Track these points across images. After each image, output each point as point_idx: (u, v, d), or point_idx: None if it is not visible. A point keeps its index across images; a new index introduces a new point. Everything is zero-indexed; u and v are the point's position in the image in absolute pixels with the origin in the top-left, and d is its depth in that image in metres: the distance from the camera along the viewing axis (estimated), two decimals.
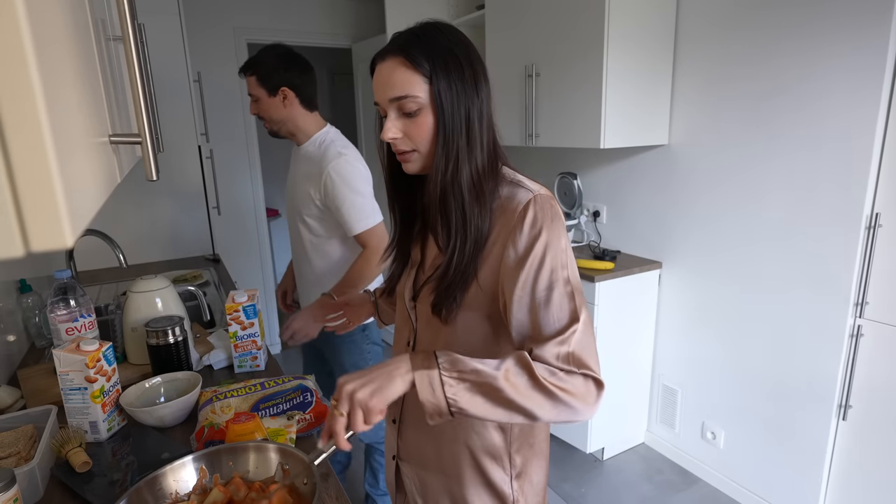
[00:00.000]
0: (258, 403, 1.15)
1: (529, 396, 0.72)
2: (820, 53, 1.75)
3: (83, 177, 0.38)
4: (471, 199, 0.80)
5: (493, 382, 0.71)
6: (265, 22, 3.43)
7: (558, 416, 0.74)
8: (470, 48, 0.81)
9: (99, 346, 1.12)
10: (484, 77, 0.82)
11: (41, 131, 0.29)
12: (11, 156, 0.28)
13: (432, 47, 0.77)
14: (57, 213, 0.30)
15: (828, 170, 1.78)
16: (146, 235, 2.74)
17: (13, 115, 0.28)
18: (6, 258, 0.29)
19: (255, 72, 1.61)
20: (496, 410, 0.72)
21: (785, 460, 2.03)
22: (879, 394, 1.76)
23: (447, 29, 0.81)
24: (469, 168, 0.79)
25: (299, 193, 1.69)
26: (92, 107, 0.47)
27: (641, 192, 2.45)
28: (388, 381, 0.73)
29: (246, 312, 1.40)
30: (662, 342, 2.47)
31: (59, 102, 0.33)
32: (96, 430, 1.11)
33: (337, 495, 0.95)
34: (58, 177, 0.30)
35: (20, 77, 0.28)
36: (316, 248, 1.73)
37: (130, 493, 0.78)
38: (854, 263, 1.75)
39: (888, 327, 1.71)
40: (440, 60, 0.76)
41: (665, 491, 2.30)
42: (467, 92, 0.78)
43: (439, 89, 0.76)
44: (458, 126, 0.78)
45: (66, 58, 0.39)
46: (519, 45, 2.50)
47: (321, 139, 1.69)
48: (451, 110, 0.77)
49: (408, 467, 1.01)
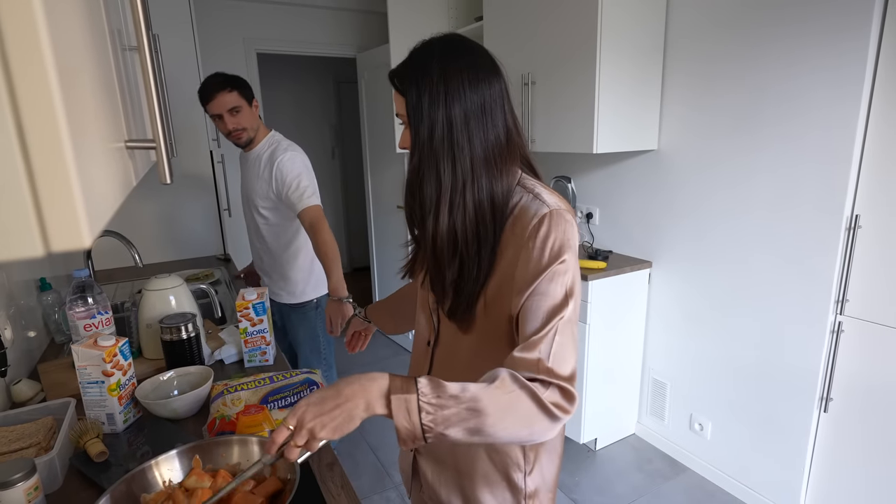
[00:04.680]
0: (267, 396, 1.15)
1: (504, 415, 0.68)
2: (803, 63, 1.75)
3: (100, 180, 0.38)
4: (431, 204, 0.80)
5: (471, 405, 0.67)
6: (274, 33, 3.43)
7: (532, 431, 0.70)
8: (456, 62, 0.77)
9: (115, 342, 1.12)
10: (470, 87, 0.76)
11: (60, 137, 0.29)
12: (32, 160, 0.28)
13: (412, 69, 0.78)
14: (75, 215, 0.30)
15: (810, 173, 1.78)
16: (161, 236, 2.73)
17: (34, 121, 0.28)
18: (27, 258, 0.29)
19: (237, 86, 1.81)
20: (475, 435, 0.68)
21: (769, 450, 2.03)
22: (858, 387, 1.75)
23: (437, 46, 0.79)
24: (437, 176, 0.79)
25: (255, 189, 1.92)
26: (109, 113, 0.47)
27: (632, 195, 2.45)
28: (348, 416, 0.67)
29: (255, 309, 1.40)
30: (652, 338, 2.47)
31: (78, 109, 0.33)
32: (113, 422, 1.11)
33: (342, 483, 0.95)
34: (76, 180, 0.29)
35: (40, 85, 0.28)
36: (271, 232, 1.97)
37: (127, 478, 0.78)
38: (835, 263, 1.75)
39: (867, 324, 1.71)
40: (412, 81, 0.77)
41: (655, 479, 2.30)
42: (435, 107, 0.76)
43: (410, 107, 0.78)
44: (423, 139, 0.78)
45: (84, 66, 0.39)
46: (515, 54, 2.50)
47: (270, 141, 1.93)
48: (416, 126, 0.78)
49: (424, 460, 0.99)
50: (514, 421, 0.69)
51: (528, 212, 0.78)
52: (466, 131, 0.77)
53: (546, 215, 0.76)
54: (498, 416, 0.68)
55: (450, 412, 0.67)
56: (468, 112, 0.77)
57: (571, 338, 0.75)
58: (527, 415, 0.69)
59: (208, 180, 2.82)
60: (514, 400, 0.69)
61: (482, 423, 0.67)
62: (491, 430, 0.68)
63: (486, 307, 0.82)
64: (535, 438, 0.72)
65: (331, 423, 0.67)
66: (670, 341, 2.38)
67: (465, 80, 0.76)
